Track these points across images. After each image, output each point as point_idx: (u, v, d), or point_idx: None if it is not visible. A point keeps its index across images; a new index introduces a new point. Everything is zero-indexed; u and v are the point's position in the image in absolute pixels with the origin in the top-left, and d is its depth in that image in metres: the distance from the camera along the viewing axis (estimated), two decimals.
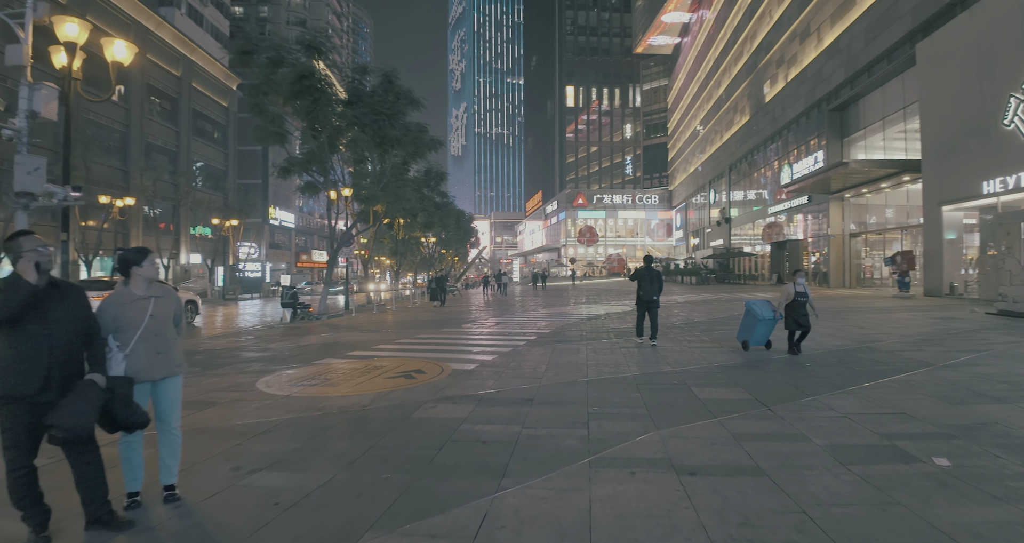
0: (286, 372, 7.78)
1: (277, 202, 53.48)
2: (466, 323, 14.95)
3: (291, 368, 8.11)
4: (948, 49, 18.85)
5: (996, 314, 13.26)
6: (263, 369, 8.10)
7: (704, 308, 17.33)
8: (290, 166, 18.46)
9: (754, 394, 5.91)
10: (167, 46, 38.08)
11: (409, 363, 8.13)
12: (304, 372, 7.74)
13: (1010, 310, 12.96)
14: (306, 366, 8.26)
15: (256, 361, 8.97)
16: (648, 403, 5.57)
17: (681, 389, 6.19)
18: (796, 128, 32.55)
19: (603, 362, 7.90)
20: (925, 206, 20.32)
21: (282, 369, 8.04)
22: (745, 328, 8.75)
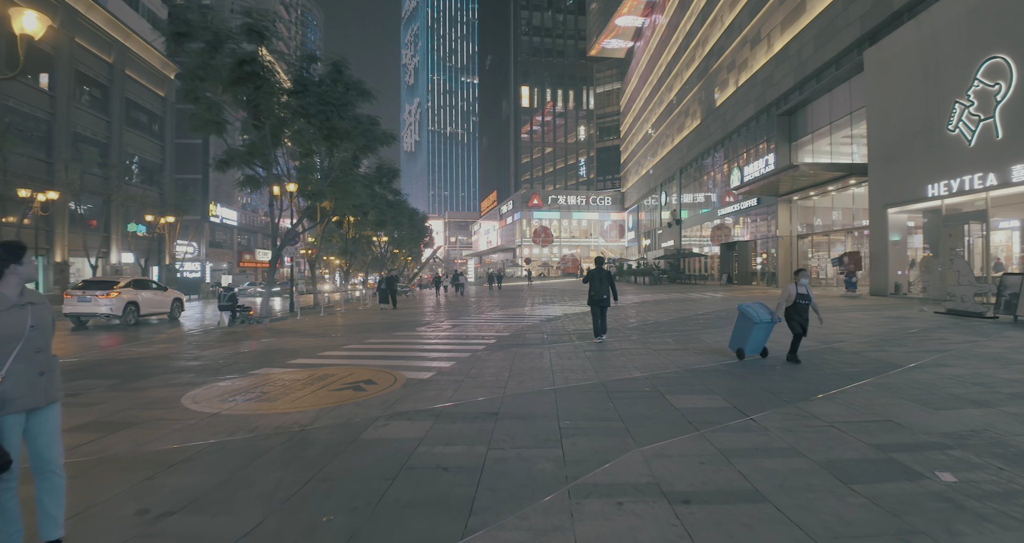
0: (218, 384, 6.92)
1: (218, 198, 50.87)
2: (420, 326, 14.23)
3: (224, 379, 7.25)
4: (895, 56, 19.41)
5: (945, 313, 13.57)
6: (192, 381, 7.21)
7: (662, 308, 17.19)
8: (229, 159, 17.22)
9: (731, 402, 5.54)
10: (98, 30, 35.41)
11: (358, 372, 7.39)
12: (238, 384, 6.90)
13: (958, 309, 13.29)
14: (241, 377, 7.41)
15: (185, 371, 8.03)
16: (623, 414, 5.09)
17: (654, 397, 5.75)
18: (746, 132, 33.24)
19: (569, 368, 7.40)
20: (871, 208, 20.90)
21: (214, 381, 7.17)
22: (739, 334, 7.94)
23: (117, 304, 15.55)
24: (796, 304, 7.43)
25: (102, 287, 15.75)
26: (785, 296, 7.49)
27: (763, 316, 7.60)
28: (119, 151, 36.87)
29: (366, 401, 5.73)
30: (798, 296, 7.42)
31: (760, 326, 7.64)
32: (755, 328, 7.65)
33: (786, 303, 7.49)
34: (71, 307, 15.49)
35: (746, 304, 7.87)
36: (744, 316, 7.79)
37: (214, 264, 51.25)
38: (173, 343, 11.79)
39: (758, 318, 7.57)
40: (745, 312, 7.74)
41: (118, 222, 36.97)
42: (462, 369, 7.46)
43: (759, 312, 7.66)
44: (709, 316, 14.33)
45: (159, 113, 43.72)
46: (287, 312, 20.71)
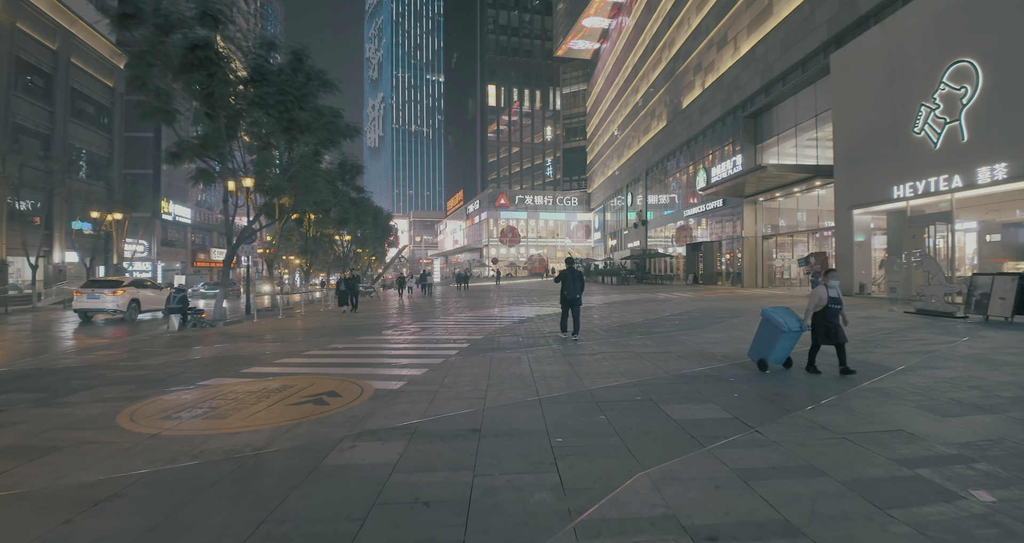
0: (161, 398, 6.14)
1: (171, 195, 48.50)
2: (387, 329, 13.51)
3: (169, 392, 6.47)
4: (861, 60, 19.67)
5: (915, 313, 13.66)
6: (131, 395, 6.40)
7: (634, 309, 16.91)
8: (181, 151, 16.10)
9: (731, 411, 5.13)
10: (41, 15, 33.18)
11: (320, 383, 6.71)
12: (184, 398, 6.14)
13: (927, 309, 13.38)
14: (188, 389, 6.63)
15: (125, 382, 7.19)
16: (619, 429, 4.60)
17: (648, 407, 5.30)
18: (712, 134, 33.51)
19: (551, 374, 6.90)
20: (837, 210, 21.16)
21: (157, 394, 6.38)
22: (762, 343, 7.03)
23: (123, 301, 17.03)
24: (827, 309, 6.61)
25: (109, 286, 17.40)
26: (815, 301, 6.62)
27: (792, 324, 6.75)
28: (63, 143, 34.71)
29: (329, 417, 5.08)
30: (829, 300, 6.59)
31: (788, 335, 6.80)
32: (782, 338, 6.79)
33: (816, 308, 6.66)
34: (80, 304, 17.04)
35: (771, 310, 7.01)
36: (769, 324, 6.89)
37: (166, 264, 48.90)
38: (115, 349, 10.78)
39: (786, 326, 6.69)
40: (771, 319, 6.85)
41: (62, 219, 34.76)
42: (435, 377, 6.87)
43: (787, 320, 6.80)
44: (683, 317, 14.08)
45: (107, 104, 41.47)
46: (243, 315, 19.63)
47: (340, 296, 20.25)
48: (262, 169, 15.67)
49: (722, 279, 32.60)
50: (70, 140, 35.77)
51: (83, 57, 37.46)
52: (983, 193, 15.42)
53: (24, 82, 32.54)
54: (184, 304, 14.99)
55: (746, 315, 14.10)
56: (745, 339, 9.71)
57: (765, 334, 7.02)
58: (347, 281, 20.05)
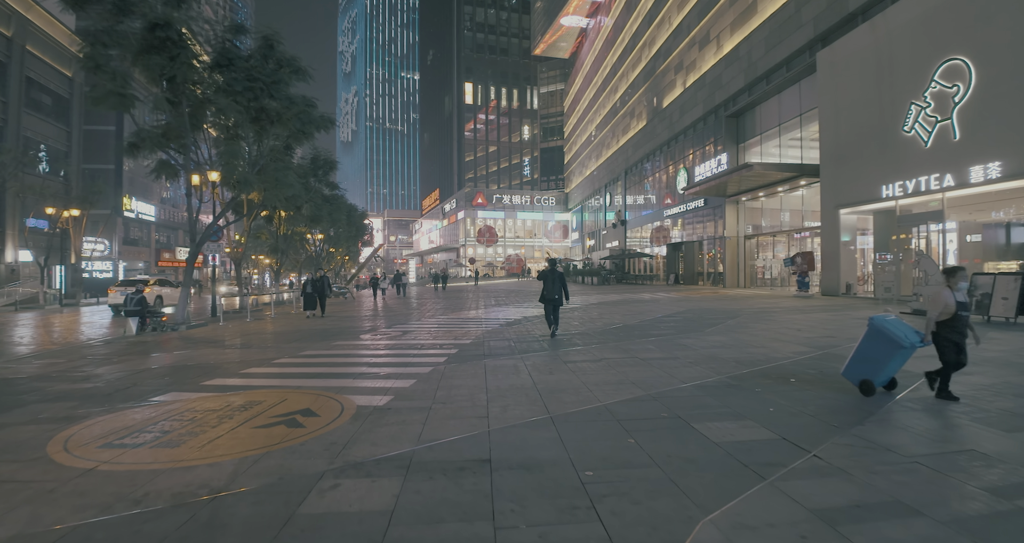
0: (105, 419, 5.21)
1: (134, 191, 46.31)
2: (364, 333, 12.60)
3: (115, 411, 5.53)
4: (848, 58, 19.45)
5: (911, 314, 13.34)
6: (70, 414, 5.45)
7: (624, 310, 16.30)
8: (140, 141, 14.89)
9: (774, 430, 4.47)
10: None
11: (293, 398, 5.83)
12: (133, 418, 5.22)
13: (924, 309, 13.06)
14: (140, 406, 5.70)
15: (66, 398, 6.21)
16: (655, 455, 3.88)
17: (680, 427, 4.59)
18: (693, 133, 33.27)
19: (557, 386, 6.15)
20: (823, 209, 20.94)
21: (101, 413, 5.44)
22: (870, 360, 5.52)
23: (150, 297, 18.73)
24: (955, 318, 5.22)
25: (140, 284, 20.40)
26: (940, 307, 5.23)
27: (912, 338, 5.32)
28: (17, 136, 32.68)
29: (305, 445, 4.24)
30: (958, 306, 5.20)
31: (907, 351, 5.41)
32: (900, 354, 5.41)
33: (941, 316, 5.26)
34: (114, 299, 20.12)
35: (884, 319, 5.49)
36: (884, 337, 5.37)
37: (128, 263, 46.67)
38: (63, 357, 9.67)
39: (907, 341, 5.25)
40: (887, 331, 5.35)
41: (14, 216, 32.72)
42: (426, 390, 6.06)
43: (906, 332, 5.37)
44: (677, 319, 13.50)
45: (65, 95, 39.33)
46: (208, 317, 18.42)
47: (306, 299, 17.77)
48: (229, 161, 14.55)
49: (703, 279, 32.36)
50: (24, 132, 33.73)
51: (40, 45, 35.40)
52: (976, 192, 15.24)
53: None
54: (143, 306, 13.83)
55: (741, 316, 13.60)
56: (750, 343, 9.14)
57: (875, 349, 5.49)
58: (314, 282, 17.73)
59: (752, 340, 9.51)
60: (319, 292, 17.83)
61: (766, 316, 13.59)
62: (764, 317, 13.36)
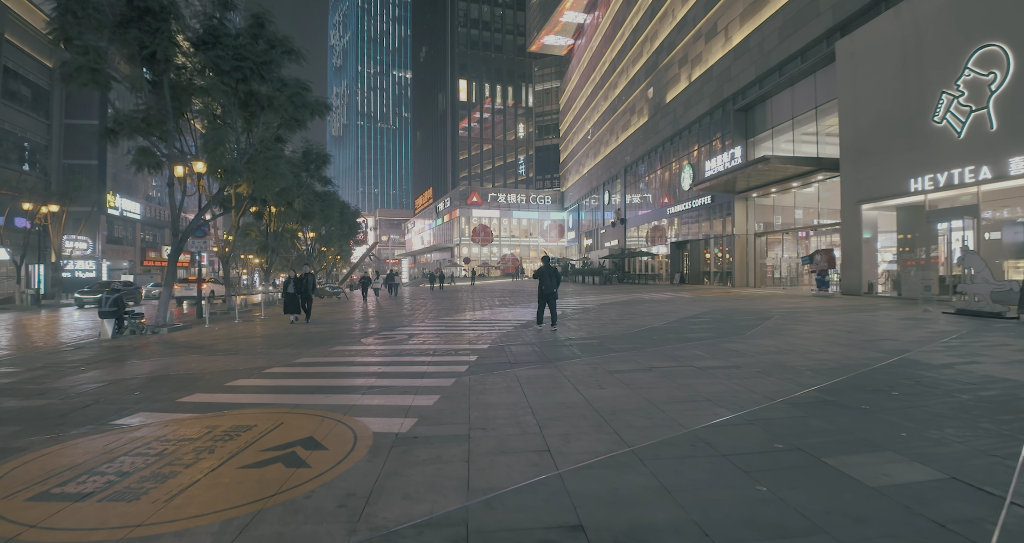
0: (50, 452, 4.01)
1: (119, 188, 44.61)
2: (365, 337, 11.40)
3: (67, 439, 4.33)
4: (870, 47, 18.50)
5: (954, 313, 12.36)
6: (8, 444, 4.26)
7: (641, 311, 15.19)
8: (119, 127, 13.60)
9: (933, 465, 3.36)
10: None
11: (290, 421, 4.64)
12: (87, 450, 4.02)
13: (970, 309, 12.07)
14: (98, 433, 4.50)
15: (11, 420, 5.00)
16: (812, 514, 2.75)
17: (810, 465, 3.47)
18: (699, 128, 32.30)
19: (616, 404, 5.01)
20: (843, 205, 20.00)
21: (46, 443, 4.24)
22: None
23: (204, 290, 21.11)
24: None
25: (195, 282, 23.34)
26: None
27: None
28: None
29: (312, 497, 3.06)
30: None
31: None
32: None
33: None
34: (180, 293, 24.96)
35: None
36: None
37: (112, 263, 44.97)
38: (24, 365, 8.40)
39: None
40: None
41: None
42: (456, 410, 4.89)
43: None
44: (705, 320, 12.41)
45: (45, 87, 37.68)
46: (193, 318, 17.12)
47: (287, 301, 15.13)
48: (215, 147, 13.26)
49: (709, 279, 31.38)
50: (1, 124, 32.12)
51: (17, 33, 33.74)
52: (1016, 185, 14.29)
53: None
54: (119, 307, 12.54)
55: (773, 317, 12.53)
56: (808, 348, 8.06)
57: None
58: (297, 282, 15.07)
59: (807, 344, 8.43)
60: (303, 294, 15.24)
61: (801, 317, 12.53)
62: (799, 318, 12.30)
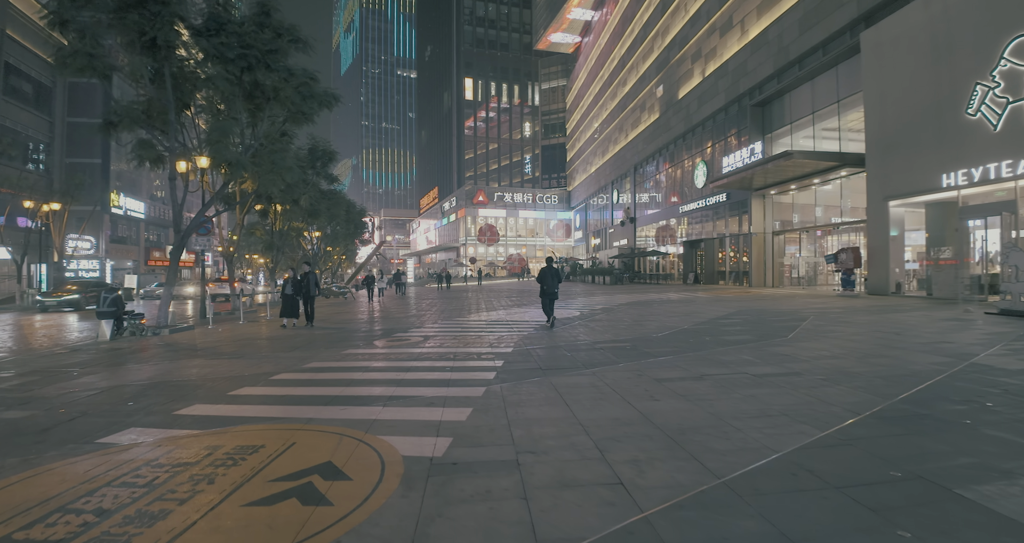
0: (19, 482, 3.36)
1: (122, 187, 44.16)
2: (377, 338, 10.76)
3: (42, 462, 3.69)
4: (898, 37, 17.79)
5: (998, 314, 11.65)
6: None
7: (664, 311, 14.49)
8: (118, 119, 13.00)
9: None
10: None
11: (304, 440, 3.98)
12: (63, 478, 3.37)
13: (1015, 309, 11.35)
14: (80, 454, 3.85)
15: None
16: None
17: (948, 498, 2.80)
18: (712, 125, 31.56)
19: (681, 420, 4.33)
20: (869, 201, 19.26)
21: (17, 467, 3.60)
22: None
23: (235, 290, 21.41)
24: None
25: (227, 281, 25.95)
26: None
27: None
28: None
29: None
30: None
31: None
32: None
33: None
34: (214, 291, 22.45)
35: None
36: None
37: (116, 262, 44.54)
38: (13, 369, 7.78)
39: None
40: None
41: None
42: (494, 427, 4.23)
43: None
44: (734, 321, 11.71)
45: (48, 83, 37.20)
46: (197, 319, 16.52)
47: (284, 302, 13.36)
48: (219, 139, 12.63)
49: (725, 278, 30.62)
50: (2, 121, 31.64)
51: (20, 29, 33.26)
52: None
53: None
54: (118, 307, 11.94)
55: (808, 318, 11.81)
56: (864, 352, 7.36)
57: None
58: (296, 282, 13.40)
59: (860, 348, 7.73)
60: (305, 294, 13.64)
61: (837, 318, 11.81)
62: (836, 319, 11.58)
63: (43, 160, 36.04)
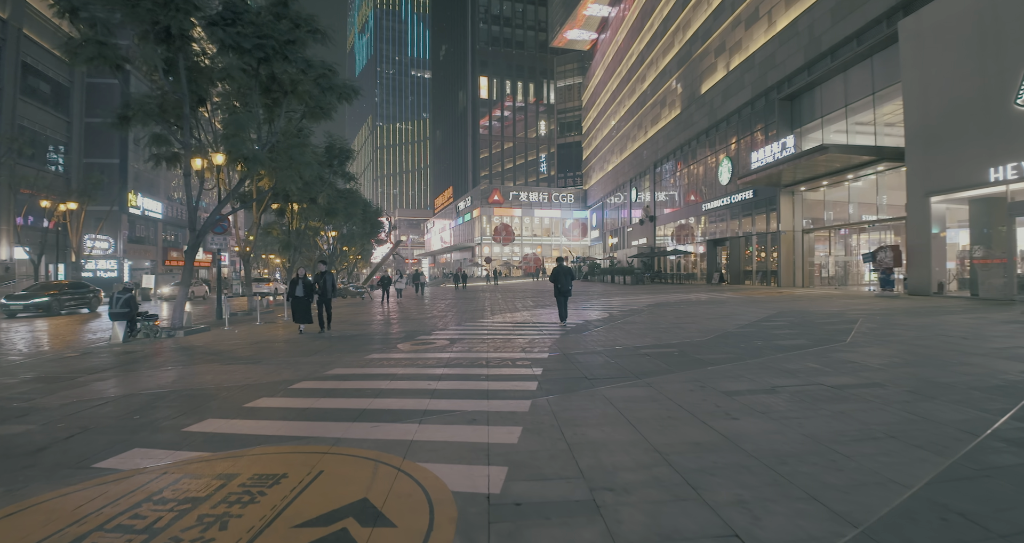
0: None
1: (140, 187, 44.27)
2: (400, 341, 10.19)
3: (29, 494, 3.14)
4: (939, 25, 16.89)
5: None
6: None
7: (698, 313, 13.74)
8: (132, 112, 12.58)
9: None
10: None
11: (332, 469, 3.38)
12: (47, 519, 2.82)
13: None
14: (72, 484, 3.30)
15: None
16: None
17: None
18: (738, 120, 30.65)
19: (771, 446, 3.67)
20: (910, 197, 18.34)
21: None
22: None
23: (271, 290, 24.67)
24: None
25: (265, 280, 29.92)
26: None
27: None
28: (11, 124, 30.55)
29: None
30: None
31: None
32: None
33: None
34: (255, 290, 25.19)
35: None
36: None
37: (134, 262, 44.65)
38: (15, 375, 7.32)
39: None
40: None
41: (9, 210, 30.58)
42: (554, 452, 3.60)
43: None
44: (777, 323, 10.97)
45: (65, 84, 37.26)
46: (213, 319, 16.10)
47: (296, 306, 11.58)
48: (235, 132, 12.14)
49: (751, 278, 29.71)
50: (20, 121, 31.63)
51: (37, 29, 33.28)
52: None
53: None
54: (131, 308, 11.51)
55: (858, 320, 11.03)
56: (942, 359, 6.60)
57: None
58: (305, 283, 11.58)
59: (934, 354, 6.99)
60: (321, 298, 11.69)
61: (888, 321, 11.00)
62: (888, 322, 10.78)
63: (61, 161, 36.10)
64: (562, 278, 11.97)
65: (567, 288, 12.02)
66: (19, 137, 28.16)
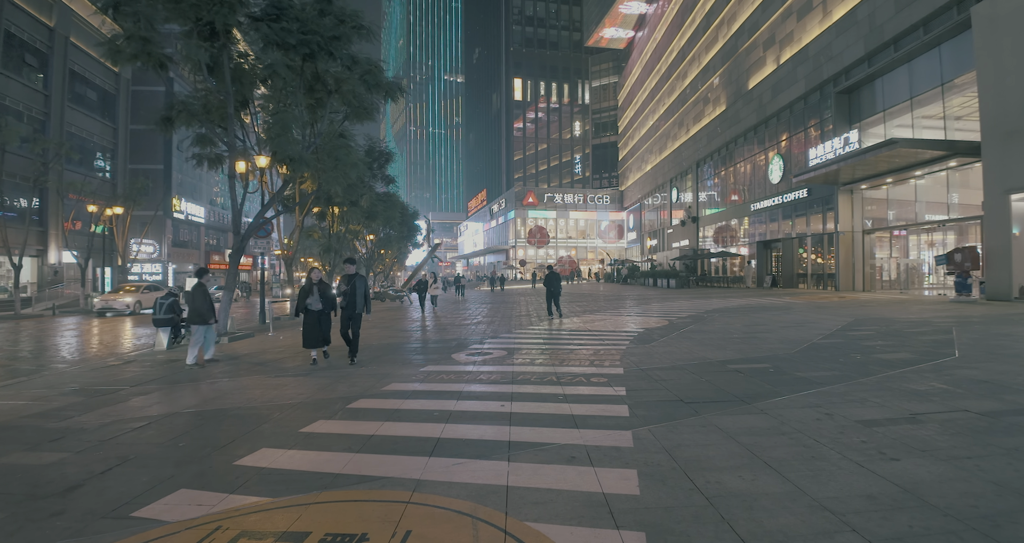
0: None
1: (183, 193, 45.23)
2: (452, 351, 9.59)
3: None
4: (1018, 10, 15.57)
5: None
6: None
7: (767, 321, 12.76)
8: (175, 114, 12.37)
9: None
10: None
11: (420, 528, 2.69)
12: None
13: None
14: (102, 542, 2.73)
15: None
16: None
17: None
18: (789, 115, 29.27)
19: (963, 500, 2.85)
20: (987, 195, 16.94)
21: None
22: None
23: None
24: None
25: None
26: None
27: None
28: (60, 131, 31.34)
29: None
30: None
31: None
32: None
33: None
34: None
35: None
36: None
37: (178, 266, 45.58)
38: (55, 387, 6.97)
39: None
40: None
41: (58, 214, 31.35)
42: (691, 508, 2.88)
43: None
44: (862, 332, 9.95)
45: (111, 91, 38.19)
46: (256, 324, 15.84)
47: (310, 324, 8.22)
48: (280, 132, 11.77)
49: (805, 282, 28.26)
50: (68, 128, 32.43)
51: (84, 37, 34.09)
52: None
53: (16, 59, 29.12)
54: (175, 313, 11.21)
55: (950, 329, 9.89)
56: None
57: None
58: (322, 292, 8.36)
59: None
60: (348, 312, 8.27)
61: (988, 331, 9.85)
62: (987, 332, 9.63)
63: (108, 167, 36.96)
64: (555, 283, 15.19)
65: (558, 290, 15.29)
66: (67, 143, 28.79)
